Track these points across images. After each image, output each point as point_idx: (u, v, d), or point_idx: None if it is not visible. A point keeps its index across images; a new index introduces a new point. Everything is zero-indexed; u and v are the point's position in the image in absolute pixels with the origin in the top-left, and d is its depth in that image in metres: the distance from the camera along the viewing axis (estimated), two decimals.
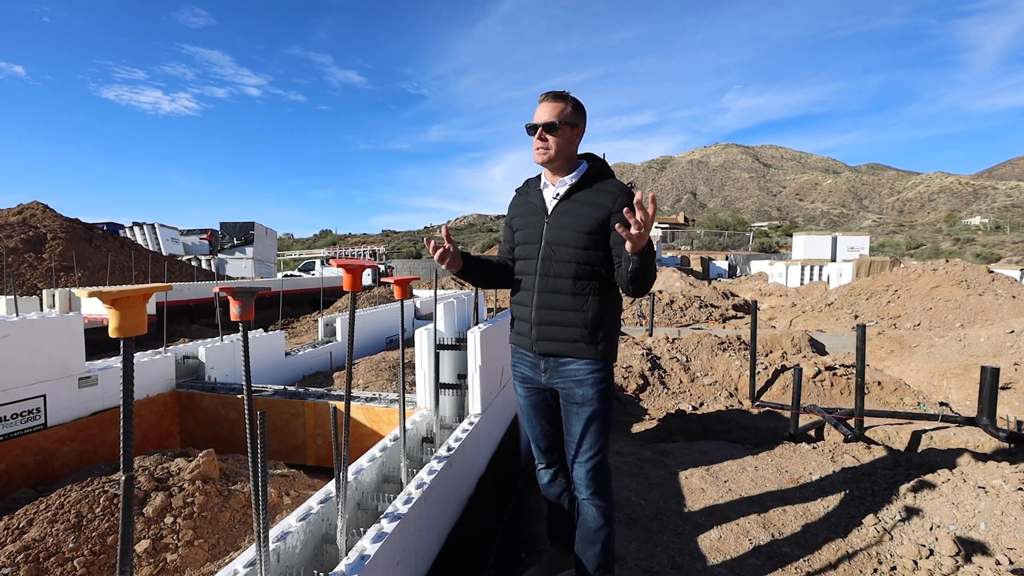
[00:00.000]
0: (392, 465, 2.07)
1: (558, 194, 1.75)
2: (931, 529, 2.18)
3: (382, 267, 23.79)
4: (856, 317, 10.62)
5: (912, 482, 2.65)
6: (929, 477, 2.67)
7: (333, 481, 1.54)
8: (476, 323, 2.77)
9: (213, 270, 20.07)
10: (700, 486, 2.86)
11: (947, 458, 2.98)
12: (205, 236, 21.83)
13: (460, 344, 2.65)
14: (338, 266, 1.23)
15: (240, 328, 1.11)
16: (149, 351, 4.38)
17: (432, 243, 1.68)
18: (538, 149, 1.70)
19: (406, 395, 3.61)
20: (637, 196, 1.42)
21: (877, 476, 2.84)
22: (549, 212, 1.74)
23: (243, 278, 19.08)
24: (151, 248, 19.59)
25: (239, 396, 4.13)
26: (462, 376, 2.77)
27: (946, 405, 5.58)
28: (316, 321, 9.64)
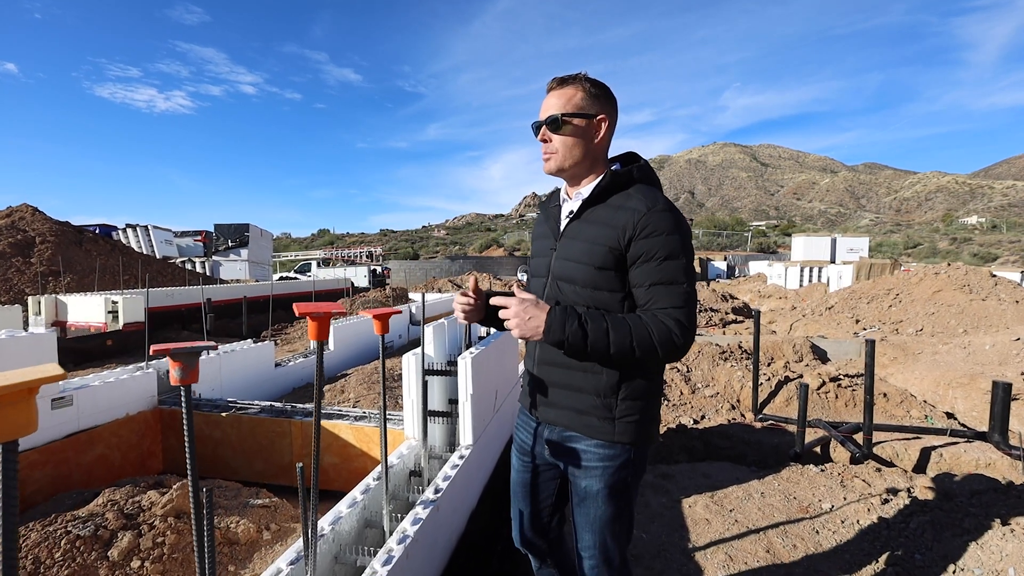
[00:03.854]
0: (375, 508, 1.92)
1: (572, 212, 1.33)
2: (954, 573, 2.04)
3: (379, 269, 23.62)
4: (857, 321, 10.50)
5: (928, 514, 2.50)
6: (947, 508, 2.53)
7: (301, 540, 1.38)
8: (468, 347, 2.62)
9: (208, 273, 19.86)
10: (704, 516, 2.71)
11: (963, 486, 2.84)
12: (200, 238, 21.62)
13: (450, 370, 2.49)
14: (301, 314, 1.07)
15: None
16: (130, 366, 4.21)
17: (460, 299, 1.34)
18: (543, 155, 1.29)
19: (393, 422, 3.45)
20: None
21: (891, 506, 2.69)
22: (560, 237, 1.34)
23: (238, 280, 18.90)
24: (144, 251, 19.38)
25: (223, 414, 3.97)
26: (453, 401, 2.62)
27: (953, 416, 5.46)
28: None
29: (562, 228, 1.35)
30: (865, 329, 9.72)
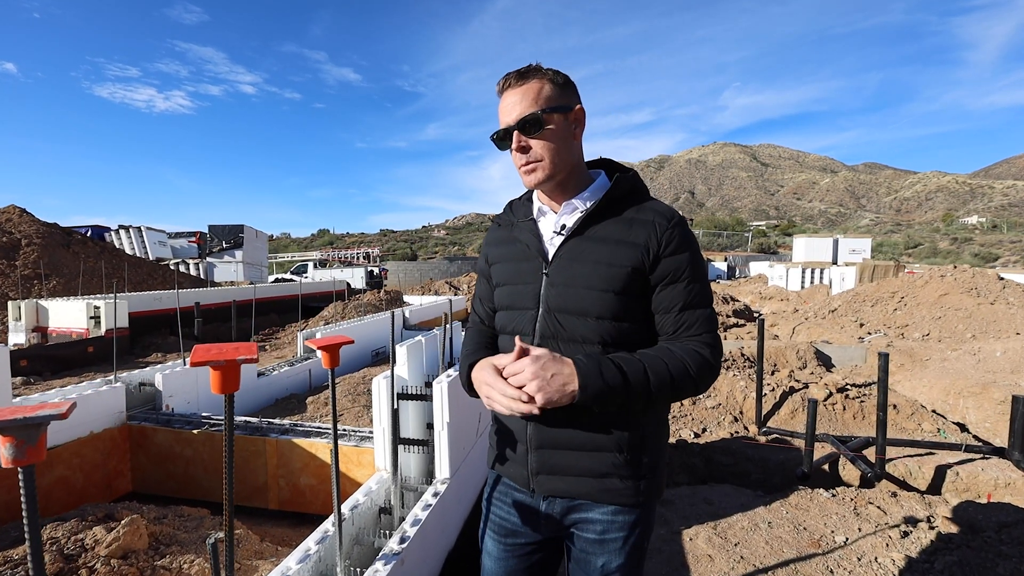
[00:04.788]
0: (332, 561, 1.68)
1: (564, 227, 1.08)
2: None
3: (375, 270, 23.38)
4: (861, 325, 10.26)
5: (955, 553, 2.27)
6: (975, 545, 2.29)
7: None
8: (448, 366, 2.38)
9: (202, 275, 19.62)
10: (707, 551, 2.48)
11: (989, 516, 2.60)
12: (194, 239, 21.37)
13: (426, 394, 2.26)
14: (195, 363, 0.84)
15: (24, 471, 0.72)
16: (98, 379, 3.98)
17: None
18: (524, 166, 1.04)
19: (372, 440, 3.21)
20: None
21: (911, 540, 2.46)
22: (550, 258, 1.08)
23: (232, 282, 18.66)
24: (138, 252, 19.13)
25: (195, 432, 3.73)
26: (432, 426, 2.38)
27: (964, 428, 5.23)
28: (304, 331, 9.22)
29: (552, 247, 1.09)
30: (870, 334, 9.49)
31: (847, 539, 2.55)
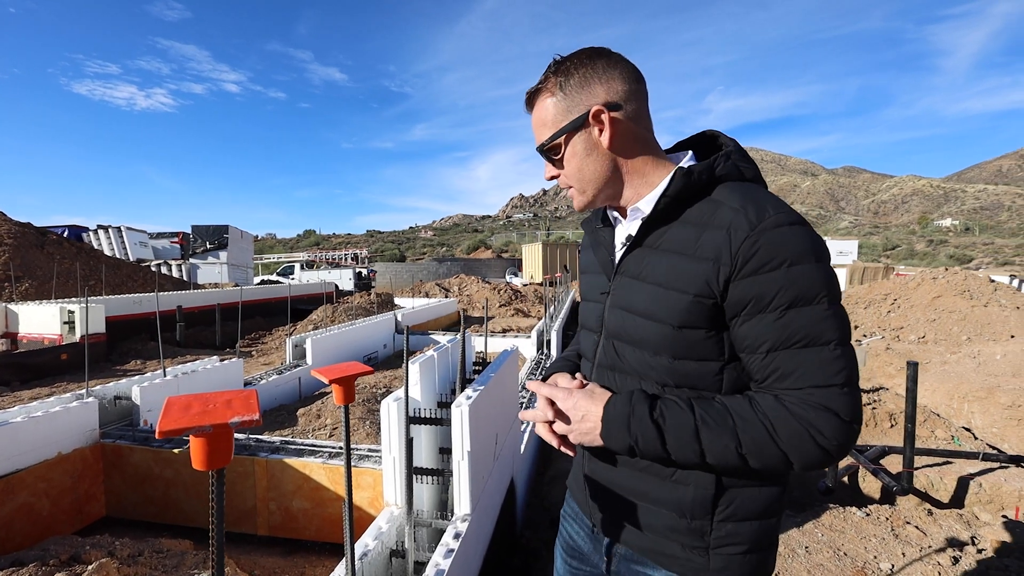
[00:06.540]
0: None
1: (629, 236, 0.89)
2: None
3: (364, 271, 22.94)
4: (856, 327, 10.26)
5: None
6: None
7: None
8: (461, 385, 2.14)
9: (184, 276, 18.97)
10: None
11: None
12: (176, 240, 20.66)
13: (441, 418, 2.01)
14: (166, 432, 0.59)
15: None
16: (68, 394, 3.64)
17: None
18: (569, 191, 0.90)
19: (373, 460, 2.96)
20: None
21: (962, 568, 2.29)
22: (613, 273, 0.90)
23: (216, 284, 18.08)
24: (117, 253, 18.41)
25: (176, 451, 3.43)
26: (445, 451, 2.14)
27: (971, 432, 5.16)
28: (292, 335, 8.83)
29: (617, 260, 0.90)
30: (866, 336, 9.48)
31: (893, 567, 2.37)
